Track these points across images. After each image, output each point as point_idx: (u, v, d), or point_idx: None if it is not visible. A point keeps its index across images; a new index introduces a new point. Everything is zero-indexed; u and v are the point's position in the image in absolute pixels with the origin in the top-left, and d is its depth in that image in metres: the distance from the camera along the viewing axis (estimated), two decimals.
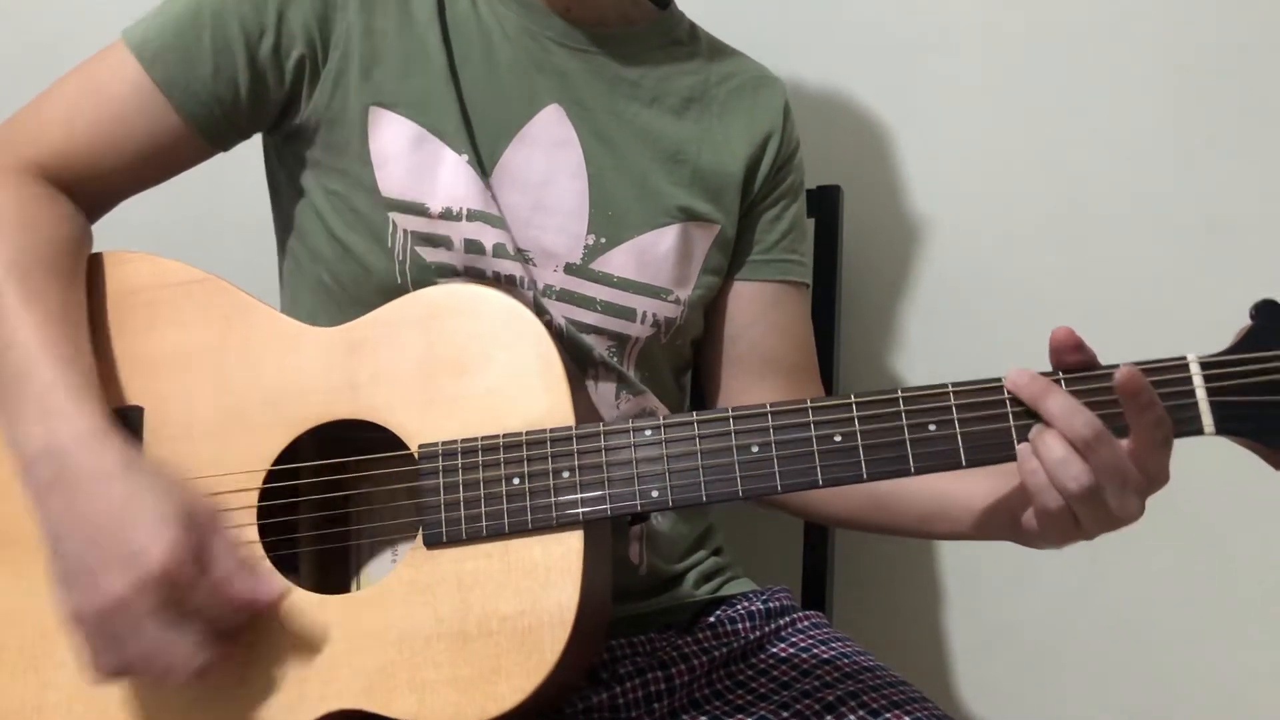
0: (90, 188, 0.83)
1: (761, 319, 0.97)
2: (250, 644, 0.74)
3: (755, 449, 0.72)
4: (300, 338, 0.78)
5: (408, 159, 0.83)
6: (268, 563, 0.75)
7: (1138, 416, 0.66)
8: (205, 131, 0.83)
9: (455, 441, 0.74)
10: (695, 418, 0.73)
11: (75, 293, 0.78)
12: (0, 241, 0.76)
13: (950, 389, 0.71)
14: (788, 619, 0.92)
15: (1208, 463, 0.85)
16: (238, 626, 0.71)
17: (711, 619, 0.91)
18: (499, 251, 0.84)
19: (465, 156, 0.84)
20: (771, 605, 0.92)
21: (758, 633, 0.90)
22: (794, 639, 0.90)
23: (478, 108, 0.85)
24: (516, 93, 0.87)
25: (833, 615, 1.12)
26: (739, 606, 0.92)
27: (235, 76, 0.82)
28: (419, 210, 0.83)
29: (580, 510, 0.73)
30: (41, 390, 0.71)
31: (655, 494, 0.73)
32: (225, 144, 0.86)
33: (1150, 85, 1.14)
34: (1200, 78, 1.13)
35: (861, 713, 0.80)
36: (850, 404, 0.71)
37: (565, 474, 0.73)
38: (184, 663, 0.68)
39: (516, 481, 0.73)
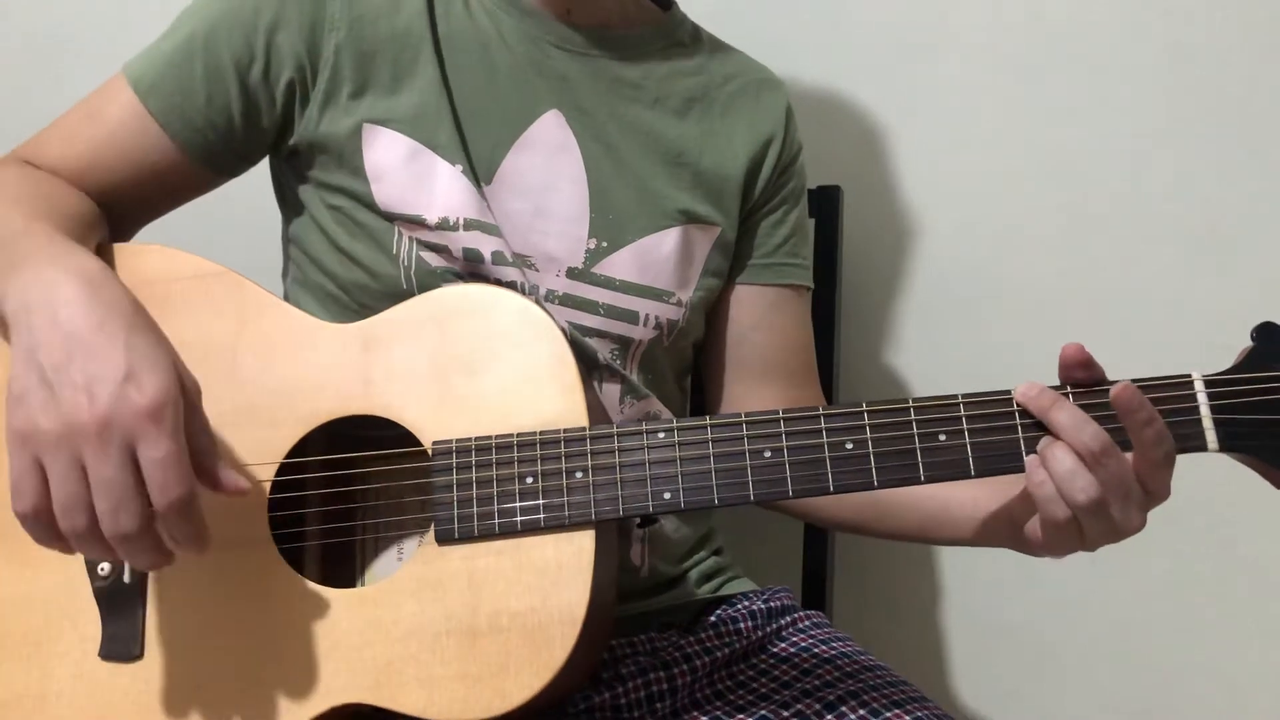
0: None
1: (763, 322, 0.97)
2: (258, 637, 0.74)
3: (768, 454, 0.73)
4: (315, 334, 0.78)
5: (402, 173, 0.84)
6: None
7: (1138, 432, 0.67)
8: (203, 159, 0.85)
9: (469, 439, 0.74)
10: (709, 421, 0.74)
11: (88, 238, 0.77)
12: (5, 196, 0.77)
13: (960, 399, 0.72)
14: (788, 618, 0.93)
15: (1207, 464, 0.87)
16: (180, 534, 0.65)
17: (713, 619, 0.91)
18: (498, 259, 0.84)
19: (460, 167, 0.84)
20: (772, 605, 0.93)
21: (759, 632, 0.90)
22: (795, 638, 0.91)
23: (474, 117, 0.86)
24: (515, 99, 0.87)
25: (833, 615, 1.13)
26: (740, 606, 0.92)
27: (228, 104, 0.83)
28: (418, 222, 0.83)
29: (593, 510, 0.73)
30: (48, 250, 0.69)
31: (667, 496, 0.73)
32: (228, 170, 0.87)
33: (1152, 86, 1.15)
34: (1201, 78, 1.14)
35: (862, 712, 0.81)
36: (862, 411, 0.72)
37: (578, 474, 0.74)
38: (132, 514, 0.62)
39: (530, 480, 0.74)
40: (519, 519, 0.73)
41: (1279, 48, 1.12)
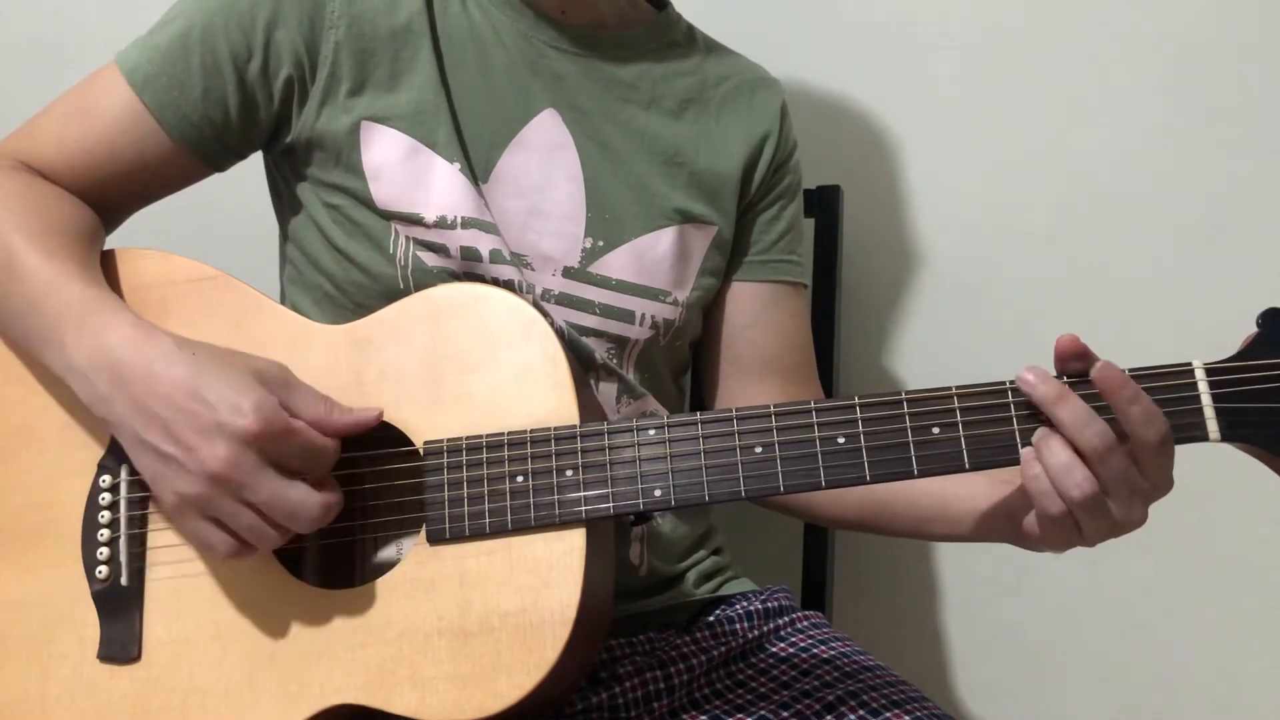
0: (85, 199, 0.84)
1: (759, 319, 0.97)
2: (253, 638, 0.74)
3: (759, 450, 0.72)
4: (308, 336, 0.78)
5: (400, 170, 0.84)
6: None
7: (1125, 410, 0.66)
8: (198, 153, 0.85)
9: (460, 439, 0.74)
10: (699, 418, 0.73)
11: (93, 255, 0.79)
12: (10, 216, 0.78)
13: (954, 392, 0.71)
14: (787, 619, 0.92)
15: (1207, 464, 0.86)
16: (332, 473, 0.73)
17: (711, 618, 0.91)
18: (495, 258, 0.84)
19: (457, 165, 0.84)
20: (770, 605, 0.92)
21: (756, 632, 0.90)
22: (793, 639, 0.90)
23: (471, 115, 0.86)
24: (511, 98, 0.87)
25: (832, 615, 1.12)
26: (738, 606, 0.92)
27: (225, 98, 0.83)
28: (415, 220, 0.84)
29: (583, 508, 0.73)
30: (79, 317, 0.73)
31: (658, 493, 0.73)
32: (220, 164, 0.87)
33: (1151, 85, 1.15)
34: (1200, 78, 1.13)
35: (861, 712, 0.80)
36: (854, 405, 0.72)
37: (569, 472, 0.73)
38: (307, 502, 0.70)
39: (520, 479, 0.73)
40: (509, 518, 0.73)
41: (1279, 47, 1.11)
